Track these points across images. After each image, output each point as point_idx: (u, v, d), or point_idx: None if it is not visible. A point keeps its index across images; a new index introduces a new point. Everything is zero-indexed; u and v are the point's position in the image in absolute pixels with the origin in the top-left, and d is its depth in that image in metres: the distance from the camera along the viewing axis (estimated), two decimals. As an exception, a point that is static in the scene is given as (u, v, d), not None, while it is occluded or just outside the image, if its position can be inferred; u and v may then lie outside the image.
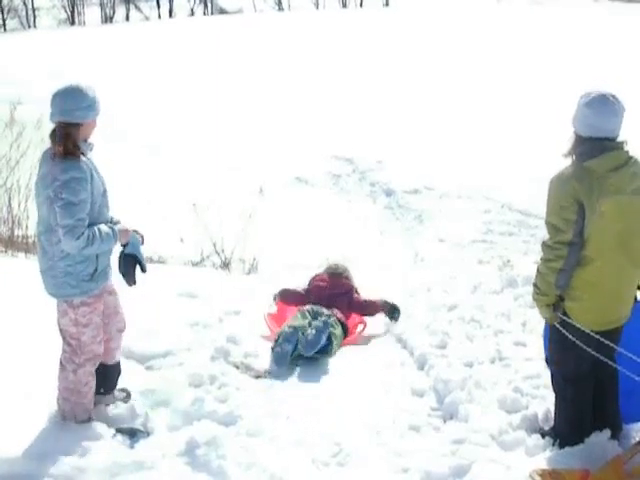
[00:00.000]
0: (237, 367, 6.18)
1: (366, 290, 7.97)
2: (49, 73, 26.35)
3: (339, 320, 6.96)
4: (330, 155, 18.28)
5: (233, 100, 24.37)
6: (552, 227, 4.43)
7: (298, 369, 6.38)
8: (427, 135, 19.66)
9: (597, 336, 4.40)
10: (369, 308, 7.50)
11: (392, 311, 7.37)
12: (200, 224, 10.65)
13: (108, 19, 64.88)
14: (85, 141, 4.57)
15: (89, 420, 4.85)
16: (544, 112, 21.96)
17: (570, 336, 4.45)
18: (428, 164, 17.21)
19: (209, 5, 73.82)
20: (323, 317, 6.77)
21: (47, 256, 4.57)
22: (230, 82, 27.62)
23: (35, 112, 11.27)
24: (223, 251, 10.46)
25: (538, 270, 4.53)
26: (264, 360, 6.45)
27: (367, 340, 7.21)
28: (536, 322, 6.43)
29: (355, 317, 7.44)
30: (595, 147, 4.36)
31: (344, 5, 75.84)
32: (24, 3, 61.00)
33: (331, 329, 6.59)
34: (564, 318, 4.47)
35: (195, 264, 10.57)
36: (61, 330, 4.76)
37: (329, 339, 6.52)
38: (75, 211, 4.36)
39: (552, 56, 32.52)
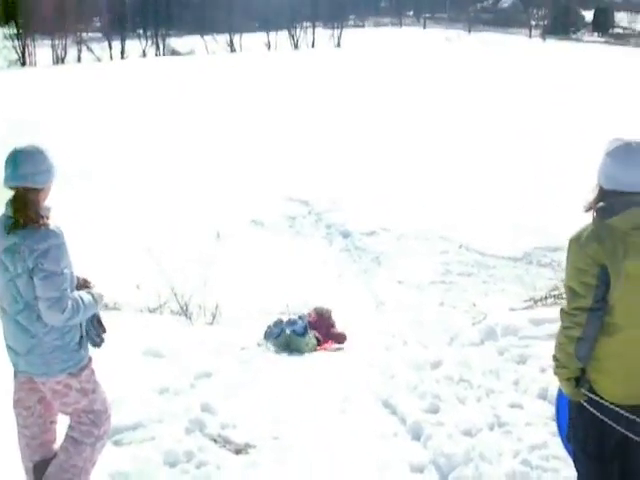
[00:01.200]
0: (215, 441, 5.62)
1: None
2: (2, 114, 26.01)
3: (315, 336, 8.77)
4: (285, 197, 18.15)
5: (188, 142, 24.22)
6: (570, 292, 3.94)
7: (284, 443, 5.71)
8: (383, 175, 19.67)
9: (627, 414, 3.94)
10: (339, 337, 9.12)
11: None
12: (156, 269, 10.44)
13: (60, 60, 64.52)
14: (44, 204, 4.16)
15: None
16: (500, 149, 22.26)
17: (597, 413, 3.99)
18: (384, 204, 17.15)
19: (161, 46, 73.93)
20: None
21: (29, 335, 4.12)
22: (184, 123, 27.50)
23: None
24: (182, 296, 10.25)
25: (557, 340, 4.08)
26: (243, 431, 5.83)
27: (350, 403, 6.53)
28: (529, 380, 6.18)
29: (330, 341, 8.98)
30: (618, 202, 3.87)
31: (296, 46, 76.56)
32: (-27, 44, 60.56)
33: (309, 330, 8.68)
34: (590, 395, 4.02)
35: (152, 310, 10.32)
36: (70, 414, 4.30)
37: (305, 329, 8.55)
38: (59, 282, 3.99)
39: (499, 91, 33.10)
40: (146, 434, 5.44)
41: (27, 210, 4.04)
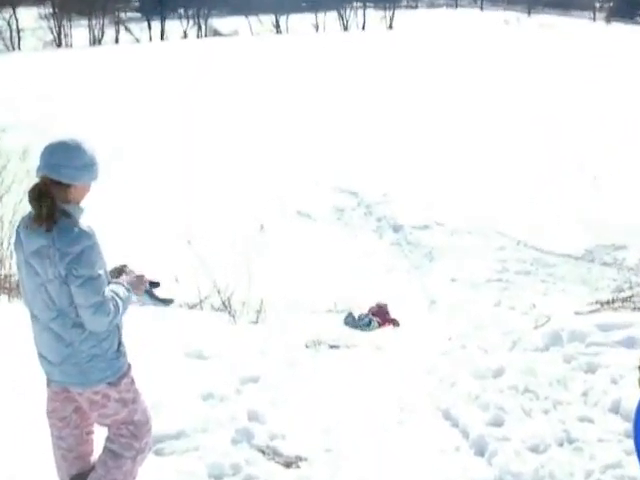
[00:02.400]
0: (263, 452, 5.47)
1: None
2: (36, 97, 26.23)
3: (377, 321, 10.73)
4: (333, 187, 18.11)
5: (230, 128, 24.23)
6: None
7: (338, 456, 5.54)
8: (435, 166, 19.50)
9: None
10: (395, 322, 10.82)
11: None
12: (196, 261, 10.41)
13: (96, 41, 64.99)
14: (77, 204, 3.96)
15: None
16: (560, 141, 21.92)
17: None
18: (437, 197, 17.04)
19: (203, 27, 74.02)
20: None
21: (64, 343, 3.96)
22: (227, 109, 27.51)
23: (21, 140, 10.97)
24: (224, 292, 10.19)
25: None
26: (294, 442, 5.66)
27: (408, 413, 6.34)
28: (599, 392, 5.99)
29: (387, 323, 10.79)
30: None
31: (345, 28, 76.17)
32: (8, 24, 61.07)
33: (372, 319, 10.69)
34: None
35: (192, 306, 10.30)
36: (108, 425, 4.18)
37: (370, 322, 10.54)
38: (98, 285, 3.83)
39: (562, 80, 32.62)
40: (190, 444, 5.30)
41: (42, 202, 3.80)
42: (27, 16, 60.93)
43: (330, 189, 17.98)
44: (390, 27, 76.34)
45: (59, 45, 62.98)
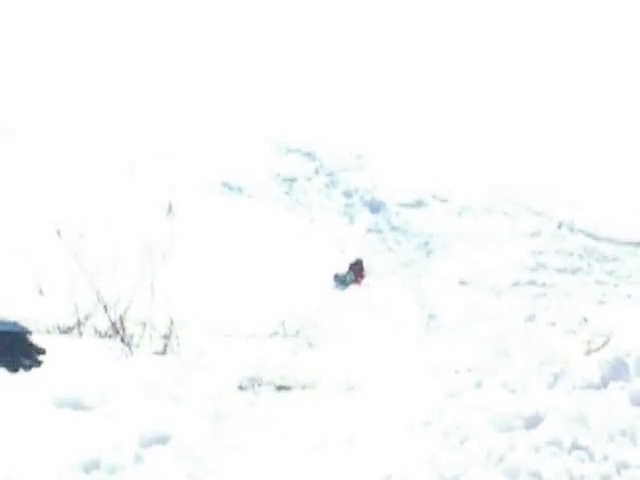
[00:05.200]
0: None
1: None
2: None
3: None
4: (278, 145, 18.10)
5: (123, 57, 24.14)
6: None
7: None
8: (434, 111, 19.59)
9: None
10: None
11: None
12: (71, 262, 10.34)
13: None
14: None
15: None
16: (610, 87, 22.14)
17: None
18: (436, 158, 17.11)
19: None
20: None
21: None
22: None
23: None
24: (114, 308, 10.14)
25: None
26: None
27: None
28: None
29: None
30: None
31: None
32: None
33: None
34: None
35: (66, 330, 10.24)
36: None
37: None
38: None
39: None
40: None
41: None
42: None
43: (273, 147, 17.95)
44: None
45: None
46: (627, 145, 17.57)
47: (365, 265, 14.42)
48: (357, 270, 14.28)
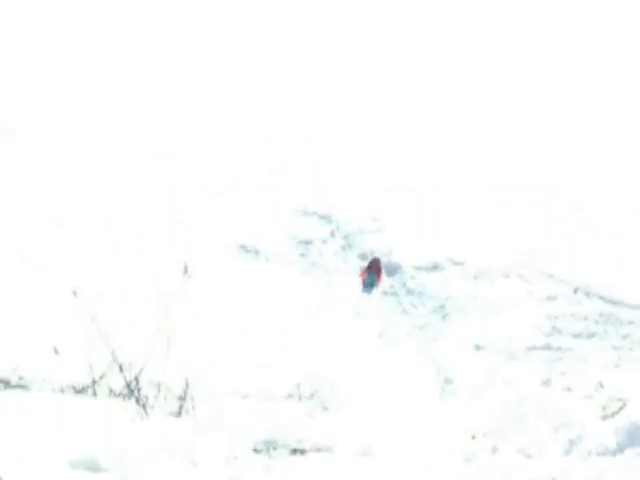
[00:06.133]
0: None
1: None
2: None
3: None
4: (295, 208, 18.17)
5: (141, 108, 24.22)
6: None
7: None
8: (450, 174, 19.62)
9: None
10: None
11: None
12: (86, 321, 10.33)
13: None
14: None
15: None
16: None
17: None
18: (453, 222, 17.19)
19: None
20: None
21: None
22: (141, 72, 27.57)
23: None
24: (129, 368, 10.11)
25: None
26: None
27: None
28: None
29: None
30: None
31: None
32: None
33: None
34: None
35: (80, 390, 10.21)
36: None
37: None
38: None
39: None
40: None
41: None
42: None
43: (290, 211, 17.98)
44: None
45: None
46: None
47: (381, 264, 15.47)
48: (376, 270, 15.32)
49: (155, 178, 19.40)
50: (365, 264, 15.70)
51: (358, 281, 15.41)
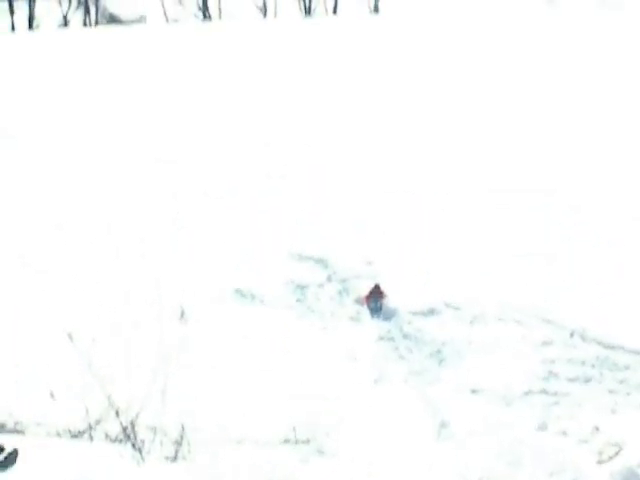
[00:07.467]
0: None
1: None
2: None
3: None
4: (291, 253, 18.22)
5: (135, 152, 24.26)
6: None
7: None
8: (446, 217, 19.69)
9: None
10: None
11: None
12: (83, 366, 10.40)
13: None
14: None
15: None
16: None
17: None
18: (449, 266, 17.23)
19: (92, 11, 74.48)
20: None
21: None
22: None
23: None
24: (125, 412, 10.15)
25: None
26: None
27: None
28: None
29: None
30: None
31: (307, 12, 77.11)
32: None
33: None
34: None
35: (77, 435, 10.25)
36: None
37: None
38: None
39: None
40: None
41: None
42: None
43: (285, 255, 18.04)
44: (375, 10, 77.42)
45: None
46: None
47: (382, 288, 15.93)
48: (378, 295, 15.89)
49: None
50: (363, 296, 16.05)
51: (363, 310, 15.61)
